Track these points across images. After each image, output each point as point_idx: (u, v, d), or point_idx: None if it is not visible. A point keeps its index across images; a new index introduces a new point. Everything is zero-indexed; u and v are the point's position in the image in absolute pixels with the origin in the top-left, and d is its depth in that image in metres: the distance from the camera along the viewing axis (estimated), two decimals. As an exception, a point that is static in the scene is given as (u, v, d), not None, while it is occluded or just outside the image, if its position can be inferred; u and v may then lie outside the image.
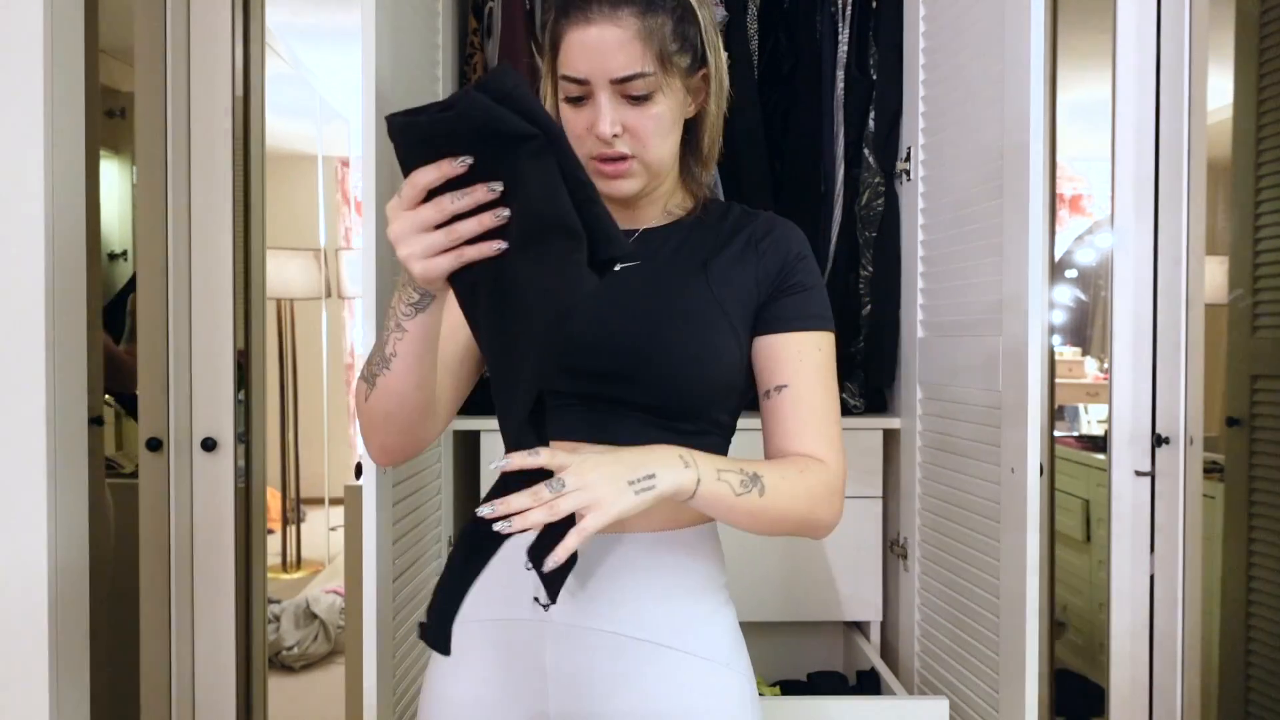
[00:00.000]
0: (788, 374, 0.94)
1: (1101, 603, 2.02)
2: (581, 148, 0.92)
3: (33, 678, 1.42)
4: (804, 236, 1.01)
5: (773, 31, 1.89)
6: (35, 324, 1.42)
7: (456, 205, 0.74)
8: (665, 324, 0.93)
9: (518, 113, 0.70)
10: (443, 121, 0.72)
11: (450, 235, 0.75)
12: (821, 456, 0.93)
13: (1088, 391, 3.50)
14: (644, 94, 0.90)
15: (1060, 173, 2.78)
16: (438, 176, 0.74)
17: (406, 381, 0.86)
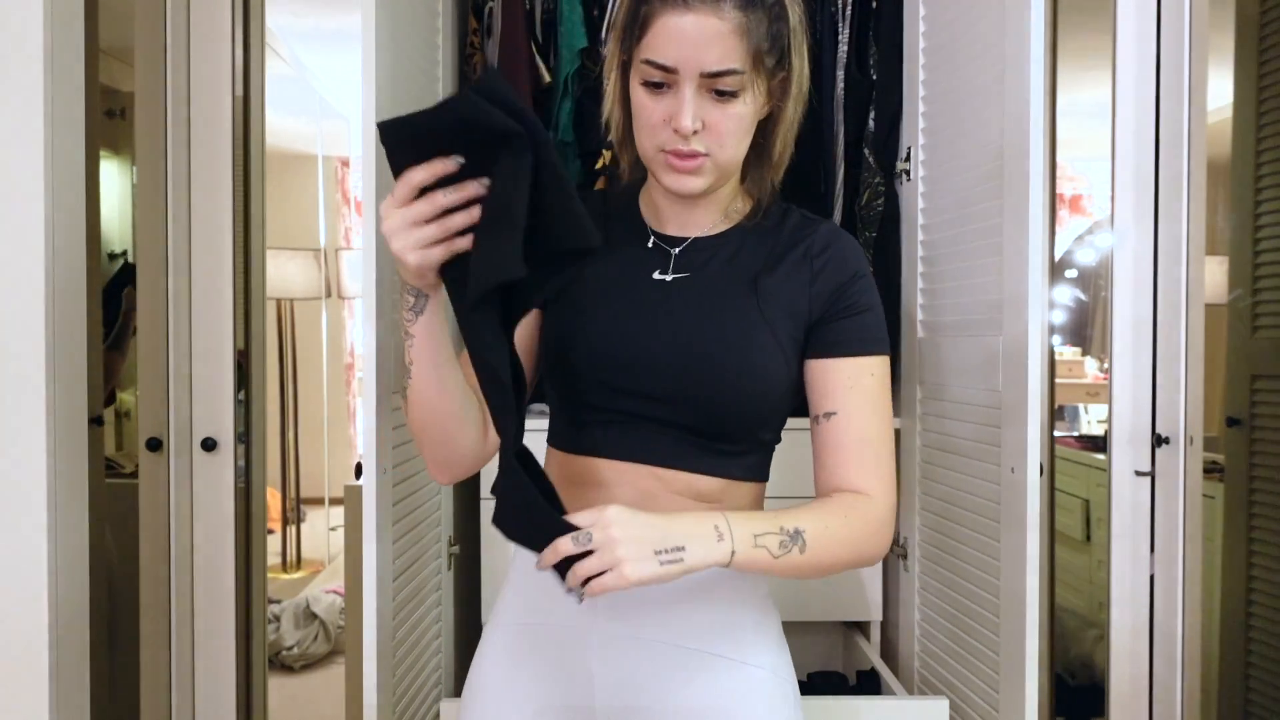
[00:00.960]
0: (839, 401, 0.92)
1: (1101, 603, 2.02)
2: (654, 138, 0.89)
3: (33, 678, 1.43)
4: (862, 252, 0.99)
5: (773, 31, 1.90)
6: (35, 324, 1.42)
7: (448, 199, 0.77)
8: (710, 345, 0.91)
9: (506, 113, 0.74)
10: (435, 119, 0.75)
11: (443, 228, 0.78)
12: (869, 490, 0.91)
13: (1088, 391, 3.50)
14: (731, 91, 0.86)
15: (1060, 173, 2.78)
16: (429, 175, 0.77)
17: (428, 388, 0.88)
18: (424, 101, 1.50)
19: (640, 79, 0.88)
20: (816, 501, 0.91)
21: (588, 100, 1.85)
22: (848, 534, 0.87)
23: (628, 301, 0.95)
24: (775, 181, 0.99)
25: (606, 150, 1.81)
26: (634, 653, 0.93)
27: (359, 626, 1.21)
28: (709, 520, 0.82)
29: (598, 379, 0.93)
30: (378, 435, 1.21)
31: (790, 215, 1.00)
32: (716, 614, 0.93)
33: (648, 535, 0.78)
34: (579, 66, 1.82)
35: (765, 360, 0.91)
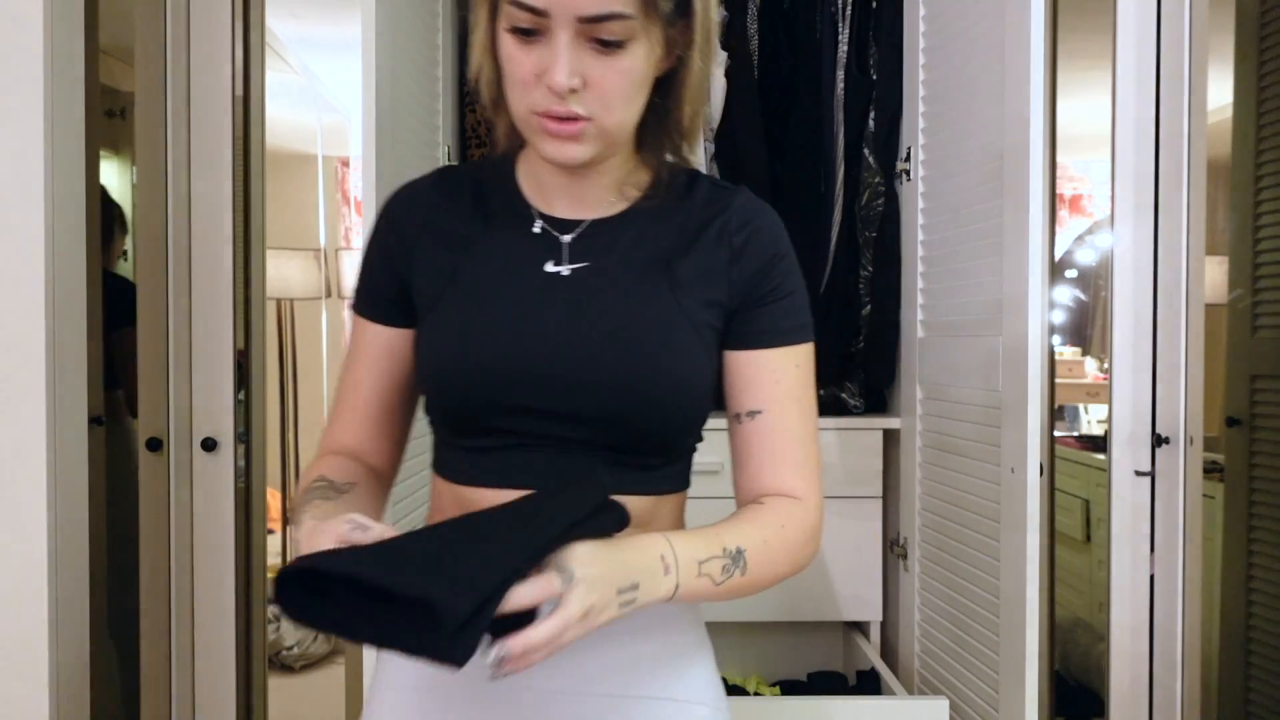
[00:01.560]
0: (763, 398, 0.81)
1: (1101, 602, 2.02)
2: (526, 97, 0.72)
3: (34, 677, 1.42)
4: (783, 226, 0.85)
5: (773, 31, 1.90)
6: (35, 324, 1.42)
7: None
8: (626, 351, 0.77)
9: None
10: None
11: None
12: (800, 494, 0.83)
13: (1088, 391, 3.50)
14: (617, 41, 0.70)
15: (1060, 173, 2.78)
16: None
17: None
18: (424, 100, 1.50)
19: (508, 24, 0.71)
20: (752, 512, 0.81)
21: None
22: (785, 547, 0.79)
23: (516, 302, 0.78)
24: (686, 151, 0.84)
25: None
26: (576, 710, 0.78)
27: (359, 626, 1.21)
28: (654, 549, 0.70)
29: (489, 399, 0.77)
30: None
31: (699, 185, 0.84)
32: (656, 651, 0.81)
33: (615, 575, 0.66)
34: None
35: (690, 362, 0.78)
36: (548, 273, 0.80)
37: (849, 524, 1.77)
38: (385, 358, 0.85)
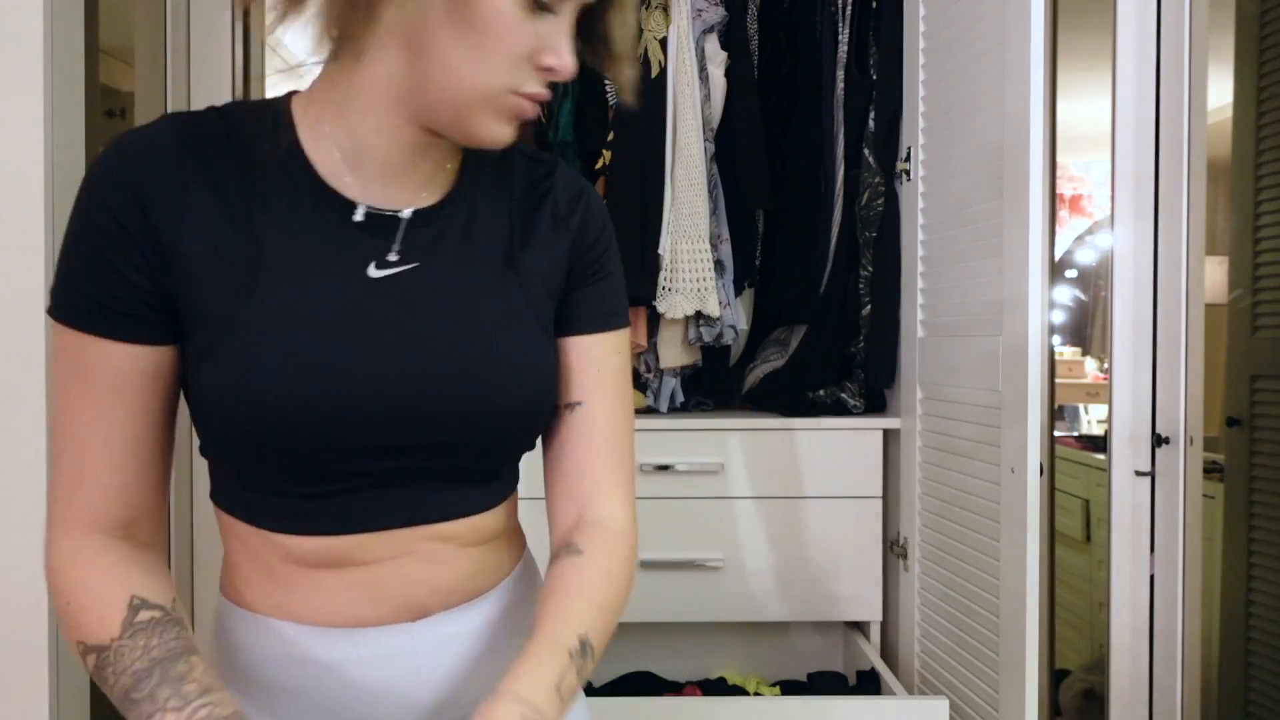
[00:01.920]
0: (585, 387, 0.73)
1: (1101, 602, 2.02)
2: (509, 73, 0.62)
3: (33, 677, 1.42)
4: (603, 201, 0.78)
5: (773, 32, 1.90)
6: (35, 324, 1.42)
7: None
8: (482, 379, 0.66)
9: None
10: None
11: None
12: (616, 513, 0.76)
13: (1088, 391, 3.50)
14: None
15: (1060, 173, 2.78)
16: None
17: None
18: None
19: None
20: (578, 576, 0.70)
21: (587, 101, 1.85)
22: (617, 597, 0.71)
23: (340, 319, 0.63)
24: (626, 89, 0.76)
25: (606, 150, 1.81)
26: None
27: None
28: (515, 714, 0.60)
29: (320, 443, 0.63)
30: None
31: (511, 157, 0.74)
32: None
33: None
34: (579, 67, 1.82)
35: (548, 370, 0.71)
36: (372, 278, 0.65)
37: (849, 524, 1.77)
38: (146, 383, 0.64)
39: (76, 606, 0.60)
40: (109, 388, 0.62)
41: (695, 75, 1.78)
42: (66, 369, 0.63)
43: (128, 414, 0.63)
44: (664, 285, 1.78)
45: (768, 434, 1.75)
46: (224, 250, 0.62)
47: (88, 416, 0.62)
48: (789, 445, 1.76)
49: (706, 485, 1.77)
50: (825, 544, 1.77)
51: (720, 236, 1.84)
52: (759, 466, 1.76)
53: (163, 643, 0.59)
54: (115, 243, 0.61)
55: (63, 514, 0.63)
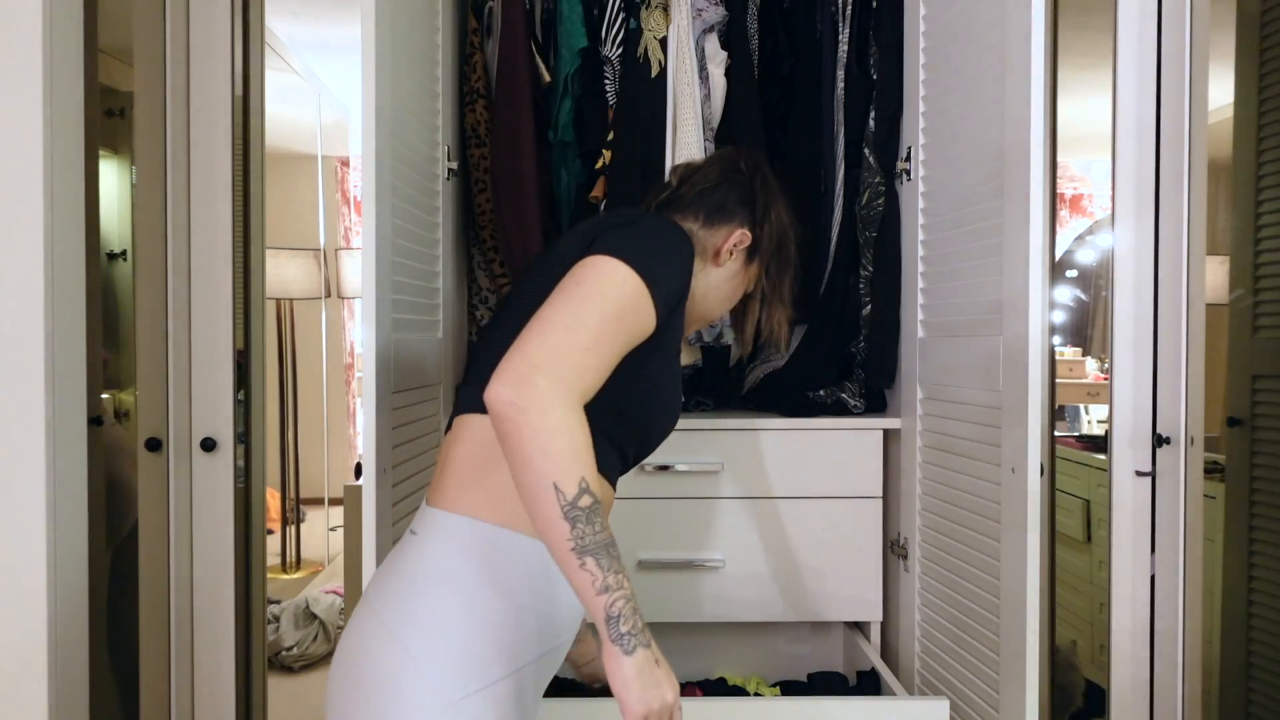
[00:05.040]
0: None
1: (1102, 603, 2.02)
2: (725, 312, 1.22)
3: (32, 677, 1.42)
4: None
5: (773, 31, 1.89)
6: (35, 324, 1.42)
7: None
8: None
9: None
10: None
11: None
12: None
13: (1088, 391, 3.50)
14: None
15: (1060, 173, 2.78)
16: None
17: (572, 578, 0.88)
18: (424, 100, 1.50)
19: (750, 287, 1.20)
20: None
21: (588, 100, 1.85)
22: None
23: (677, 386, 1.06)
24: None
25: (606, 150, 1.81)
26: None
27: (359, 627, 1.21)
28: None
29: (642, 441, 1.04)
30: (378, 435, 1.21)
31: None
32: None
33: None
34: (579, 66, 1.82)
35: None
36: (679, 362, 1.08)
37: (849, 524, 1.77)
38: (634, 345, 0.96)
39: (589, 455, 0.84)
40: (632, 336, 0.92)
41: (695, 75, 1.78)
42: (620, 308, 0.89)
43: (620, 355, 0.91)
44: (664, 285, 1.78)
45: (768, 434, 1.75)
46: (680, 319, 1.02)
47: (612, 344, 0.89)
48: (789, 445, 1.76)
49: (706, 485, 1.77)
50: (825, 544, 1.77)
51: (720, 236, 1.83)
52: (759, 466, 1.75)
53: (607, 526, 0.85)
54: (688, 279, 1.00)
55: (574, 380, 0.85)
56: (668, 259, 0.96)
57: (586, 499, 0.81)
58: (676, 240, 0.99)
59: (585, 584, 0.82)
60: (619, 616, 0.82)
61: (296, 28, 3.87)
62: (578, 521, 0.81)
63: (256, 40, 2.08)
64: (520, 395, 0.81)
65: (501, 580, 0.92)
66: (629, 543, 1.75)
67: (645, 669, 0.83)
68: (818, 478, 1.76)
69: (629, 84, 1.79)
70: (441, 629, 0.89)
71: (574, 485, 0.81)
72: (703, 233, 1.15)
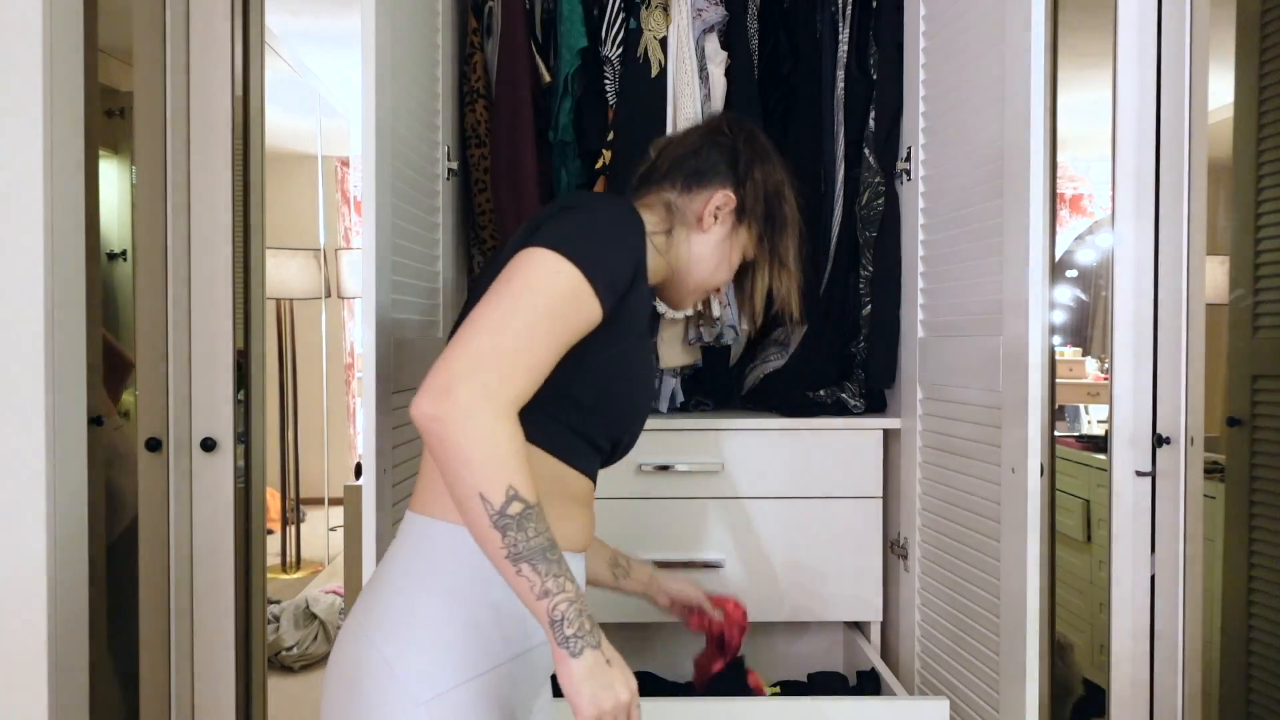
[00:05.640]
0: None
1: (1101, 603, 2.01)
2: (723, 279, 1.13)
3: (32, 677, 1.42)
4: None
5: (773, 31, 1.89)
6: (35, 324, 1.42)
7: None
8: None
9: None
10: None
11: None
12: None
13: (1088, 391, 3.50)
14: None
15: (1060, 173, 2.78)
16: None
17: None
18: (424, 100, 1.50)
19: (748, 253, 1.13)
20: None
21: (588, 100, 1.85)
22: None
23: (649, 370, 1.04)
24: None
25: (606, 150, 1.81)
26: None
27: (358, 627, 1.21)
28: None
29: (617, 429, 1.01)
30: (378, 435, 1.21)
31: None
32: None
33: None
34: (579, 66, 1.82)
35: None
36: (650, 344, 1.07)
37: (849, 524, 1.77)
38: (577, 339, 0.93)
39: (517, 461, 0.82)
40: (572, 329, 0.89)
41: (695, 75, 1.78)
42: (552, 302, 0.87)
43: (560, 350, 0.88)
44: (664, 285, 1.78)
45: (768, 434, 1.75)
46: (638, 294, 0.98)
47: (546, 341, 0.86)
48: (789, 445, 1.76)
49: (706, 485, 1.77)
50: (825, 544, 1.77)
51: (720, 236, 1.83)
52: (759, 466, 1.75)
53: (546, 529, 0.84)
54: (638, 258, 0.95)
55: (498, 386, 0.83)
56: (609, 243, 0.92)
57: (516, 505, 0.80)
58: (620, 221, 0.95)
59: (524, 590, 0.82)
60: (562, 620, 0.81)
61: (297, 27, 3.87)
62: (508, 530, 0.80)
63: (256, 40, 2.08)
64: (440, 408, 0.80)
65: (467, 580, 0.91)
66: (629, 543, 1.75)
67: (595, 670, 0.81)
68: (818, 478, 1.76)
69: (629, 84, 1.79)
70: (410, 630, 0.89)
71: (500, 494, 0.80)
72: (681, 200, 1.08)
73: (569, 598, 0.82)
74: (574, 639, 0.81)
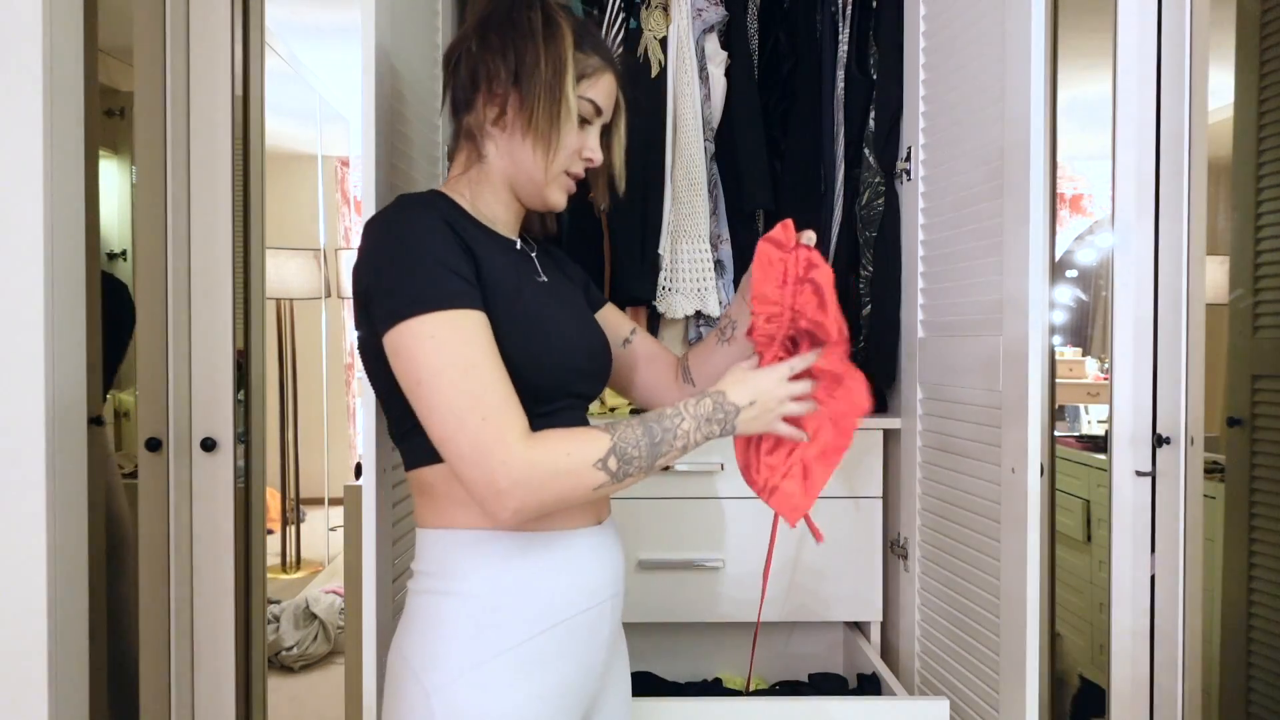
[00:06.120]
0: (629, 323, 1.24)
1: (1101, 603, 2.01)
2: (565, 162, 1.05)
3: (32, 678, 1.42)
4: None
5: (773, 31, 1.89)
6: (35, 324, 1.42)
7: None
8: (605, 344, 1.11)
9: None
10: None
11: (807, 406, 1.05)
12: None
13: (1088, 391, 3.50)
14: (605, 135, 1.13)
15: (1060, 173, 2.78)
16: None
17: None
18: (424, 100, 1.50)
19: (580, 113, 1.05)
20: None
21: (588, 100, 1.85)
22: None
23: (552, 303, 1.04)
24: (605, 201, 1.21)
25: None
26: (619, 615, 1.09)
27: (359, 626, 1.21)
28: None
29: (565, 377, 1.01)
30: (378, 435, 1.21)
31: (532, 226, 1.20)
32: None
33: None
34: (579, 66, 1.82)
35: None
36: (540, 282, 1.06)
37: (849, 524, 1.77)
38: (491, 339, 0.94)
39: (565, 450, 0.89)
40: (482, 346, 0.90)
41: (695, 75, 1.78)
42: (456, 354, 0.88)
43: (495, 357, 0.91)
44: (664, 285, 1.78)
45: (768, 434, 1.75)
46: (496, 258, 0.99)
47: (484, 374, 0.88)
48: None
49: (706, 485, 1.77)
50: (825, 544, 1.77)
51: (720, 236, 1.83)
52: (759, 466, 1.75)
53: (637, 439, 0.93)
54: (455, 246, 0.94)
55: (509, 427, 0.88)
56: (419, 270, 0.90)
57: (613, 461, 0.90)
58: (406, 240, 0.92)
59: (678, 450, 0.96)
60: (706, 424, 0.97)
61: (296, 27, 3.87)
62: (627, 474, 0.92)
63: (257, 40, 2.08)
64: (505, 503, 0.87)
65: (461, 578, 0.96)
66: (629, 543, 1.75)
67: (754, 417, 1.01)
68: (818, 478, 1.76)
69: (629, 84, 1.79)
70: (420, 628, 0.96)
71: (597, 473, 0.90)
72: (469, 123, 1.06)
73: (685, 429, 0.95)
74: (721, 423, 0.98)
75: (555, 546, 0.99)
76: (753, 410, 1.00)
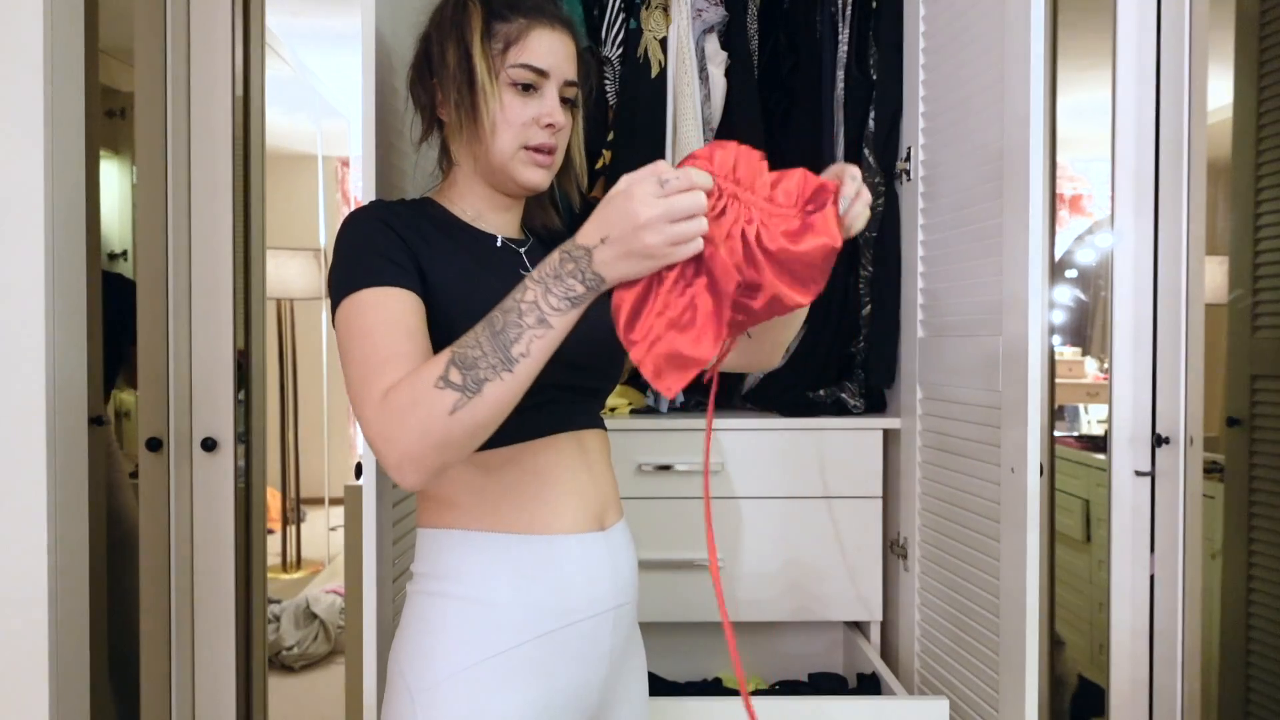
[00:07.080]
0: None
1: (1101, 603, 2.02)
2: (518, 136, 0.99)
3: (33, 677, 1.43)
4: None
5: (773, 31, 1.90)
6: (35, 324, 1.42)
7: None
8: (603, 335, 0.91)
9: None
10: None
11: (700, 226, 0.75)
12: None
13: (1088, 391, 3.50)
14: (573, 100, 1.03)
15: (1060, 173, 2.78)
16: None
17: (523, 388, 0.79)
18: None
19: (512, 81, 0.98)
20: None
21: (588, 101, 1.85)
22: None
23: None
24: (580, 190, 1.12)
25: (606, 150, 1.81)
26: (627, 627, 1.08)
27: (359, 626, 1.21)
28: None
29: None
30: (378, 435, 1.20)
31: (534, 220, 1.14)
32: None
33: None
34: (579, 66, 1.82)
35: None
36: (522, 274, 1.01)
37: (849, 524, 1.77)
38: (419, 318, 0.90)
39: (409, 382, 0.80)
40: (398, 311, 0.87)
41: (695, 75, 1.78)
42: (355, 323, 0.86)
43: (419, 339, 0.87)
44: (664, 285, 1.78)
45: (768, 434, 1.75)
46: (453, 253, 0.97)
47: (383, 328, 0.85)
48: (789, 445, 1.76)
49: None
50: (825, 544, 1.77)
51: (720, 236, 1.83)
52: (759, 466, 1.76)
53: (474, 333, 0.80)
54: (389, 233, 0.92)
55: (377, 383, 0.82)
56: (344, 262, 0.91)
57: (454, 373, 0.77)
58: (350, 234, 0.93)
59: (533, 326, 0.77)
60: (556, 282, 0.77)
61: (297, 27, 3.88)
62: (469, 375, 0.77)
63: (257, 40, 2.09)
64: (385, 461, 0.80)
65: (451, 579, 0.95)
66: (629, 542, 1.75)
67: (609, 261, 0.76)
68: (817, 478, 1.76)
69: (629, 84, 1.79)
70: (410, 630, 0.96)
71: (441, 393, 0.77)
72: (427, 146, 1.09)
73: (530, 298, 0.78)
74: (585, 280, 0.77)
75: (553, 551, 0.96)
76: (609, 247, 0.75)
